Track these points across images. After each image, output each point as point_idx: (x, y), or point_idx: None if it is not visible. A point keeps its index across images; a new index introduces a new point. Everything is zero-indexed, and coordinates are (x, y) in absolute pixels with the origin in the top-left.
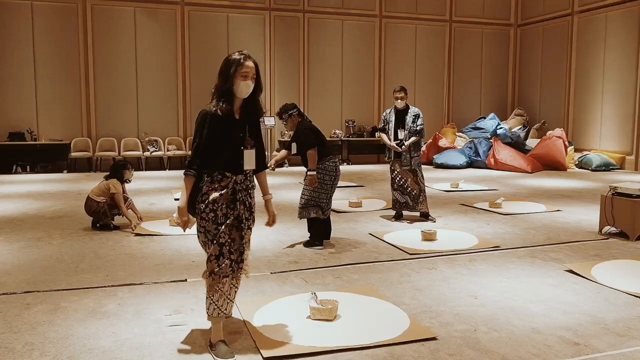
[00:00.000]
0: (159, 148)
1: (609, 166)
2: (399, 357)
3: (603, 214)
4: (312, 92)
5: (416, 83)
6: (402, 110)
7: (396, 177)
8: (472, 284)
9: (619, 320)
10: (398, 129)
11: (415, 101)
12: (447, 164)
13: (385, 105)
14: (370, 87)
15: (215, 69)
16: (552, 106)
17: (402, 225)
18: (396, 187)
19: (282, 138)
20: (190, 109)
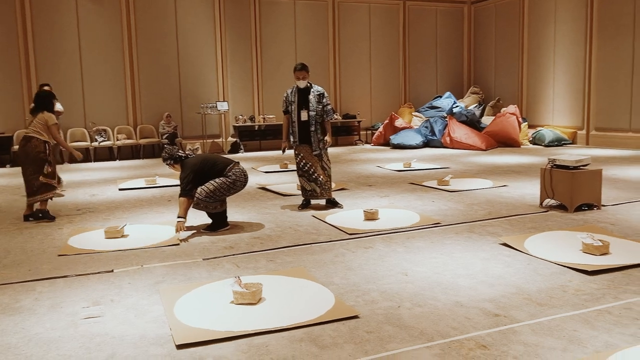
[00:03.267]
0: (108, 138)
1: (561, 141)
2: (317, 337)
3: (543, 187)
4: (265, 74)
5: (372, 63)
6: (305, 90)
7: (300, 163)
8: (405, 261)
9: (543, 290)
10: (301, 110)
11: (372, 82)
12: (404, 144)
13: (342, 87)
14: (325, 68)
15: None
16: (506, 83)
17: (345, 205)
18: (301, 174)
19: (237, 123)
20: (139, 95)
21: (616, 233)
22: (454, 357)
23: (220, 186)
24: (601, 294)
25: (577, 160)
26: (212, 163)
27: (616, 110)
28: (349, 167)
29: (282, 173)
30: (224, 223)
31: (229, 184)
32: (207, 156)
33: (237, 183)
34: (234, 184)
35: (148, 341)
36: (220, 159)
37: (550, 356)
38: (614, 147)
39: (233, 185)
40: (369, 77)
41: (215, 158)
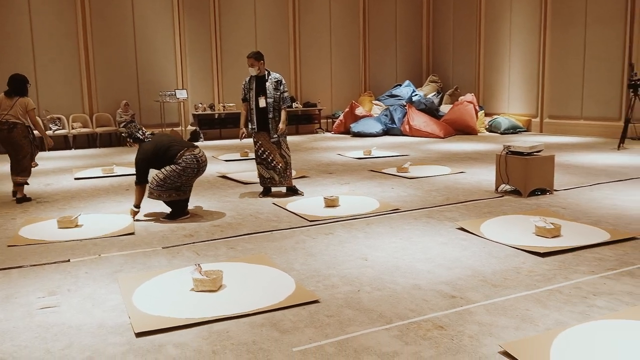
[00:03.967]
0: (63, 126)
1: (516, 129)
2: (278, 322)
3: (498, 173)
4: (225, 63)
5: (332, 52)
6: (262, 77)
7: (259, 150)
8: (365, 246)
9: (497, 272)
10: (259, 97)
11: (332, 70)
12: (364, 132)
13: (302, 75)
14: (285, 57)
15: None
16: (464, 72)
17: (306, 193)
18: (259, 161)
19: (197, 111)
20: (95, 83)
21: (567, 216)
22: (412, 338)
23: (170, 174)
24: (552, 274)
25: (530, 147)
26: (165, 148)
27: (568, 98)
28: (309, 155)
29: (242, 161)
30: (183, 212)
31: (178, 171)
32: (162, 141)
33: (187, 170)
34: (184, 171)
35: (106, 330)
36: (175, 144)
37: (503, 334)
38: (566, 134)
39: (183, 172)
40: (330, 66)
41: (170, 142)
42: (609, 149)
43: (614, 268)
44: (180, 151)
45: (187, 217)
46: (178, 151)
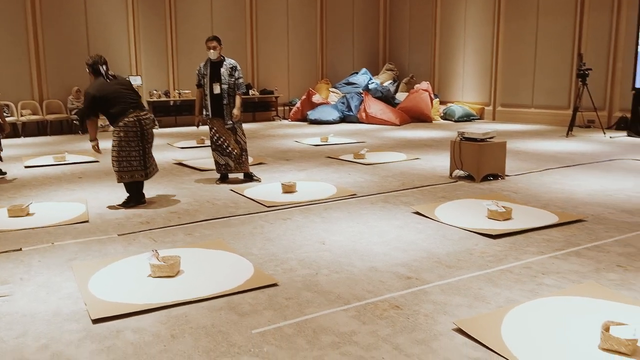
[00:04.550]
0: (11, 113)
1: (470, 117)
2: (236, 305)
3: (452, 159)
4: (180, 49)
5: (289, 39)
6: (217, 63)
7: (214, 137)
8: (323, 231)
9: (451, 253)
10: (213, 83)
11: (290, 58)
12: (321, 120)
13: (259, 62)
14: (242, 43)
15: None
16: (419, 61)
17: (263, 179)
18: (215, 148)
19: (151, 98)
20: (45, 69)
21: (518, 200)
22: (369, 317)
23: (118, 149)
24: (504, 255)
25: (484, 133)
26: (111, 104)
27: (520, 87)
28: (267, 142)
29: (198, 148)
30: (139, 199)
31: (124, 143)
32: (111, 93)
33: (129, 134)
34: (126, 136)
35: (62, 317)
36: (121, 102)
37: (457, 312)
38: (517, 122)
39: (126, 139)
40: (287, 53)
41: (117, 99)
42: (558, 136)
43: (562, 248)
44: (125, 112)
45: (143, 205)
46: (123, 111)
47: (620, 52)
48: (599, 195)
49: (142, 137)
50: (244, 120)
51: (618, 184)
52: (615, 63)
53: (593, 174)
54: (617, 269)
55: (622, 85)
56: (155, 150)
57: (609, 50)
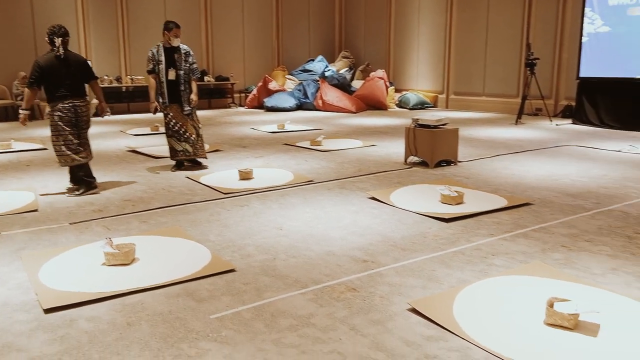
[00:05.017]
0: None
1: (424, 104)
2: (194, 291)
3: (407, 145)
4: (132, 34)
5: (245, 25)
6: (171, 49)
7: (170, 123)
8: (280, 216)
9: (406, 237)
10: (169, 69)
11: (245, 44)
12: (278, 107)
13: (214, 48)
14: (196, 29)
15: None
16: (375, 48)
17: (220, 166)
18: (171, 134)
19: (102, 84)
20: None
21: (470, 185)
22: (326, 300)
23: (56, 133)
24: (456, 238)
25: (437, 120)
26: (49, 82)
27: (472, 76)
28: (223, 130)
29: (153, 136)
30: (89, 184)
31: (60, 127)
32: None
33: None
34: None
35: (12, 308)
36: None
37: (412, 293)
38: (469, 109)
39: (62, 123)
40: (242, 39)
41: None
42: (507, 123)
43: (511, 231)
44: (61, 97)
45: (94, 192)
46: (60, 95)
47: (566, 43)
48: (545, 180)
49: (76, 124)
50: (199, 107)
51: (563, 169)
52: (561, 53)
53: (540, 160)
54: (562, 249)
55: (567, 75)
56: (107, 138)
57: (555, 41)
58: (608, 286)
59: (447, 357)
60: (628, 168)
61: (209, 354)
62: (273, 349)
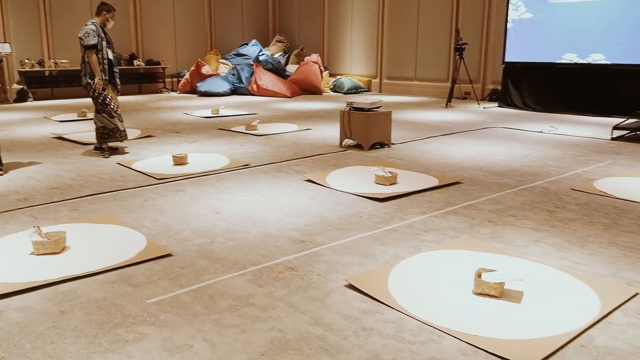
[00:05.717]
0: None
1: (358, 89)
2: (130, 277)
3: (342, 128)
4: (55, 14)
5: (175, 7)
6: (104, 30)
7: (111, 103)
8: (217, 201)
9: (342, 217)
10: (108, 49)
11: (176, 27)
12: (211, 92)
13: (144, 31)
14: (124, 11)
15: None
16: (309, 33)
17: (152, 152)
18: (108, 111)
19: (23, 68)
20: None
21: (403, 166)
22: (265, 280)
23: None
24: (390, 216)
25: (371, 103)
26: None
27: (404, 61)
28: (154, 115)
29: (80, 122)
30: None
31: None
32: None
33: None
34: None
35: None
36: None
37: (348, 270)
38: (402, 94)
39: None
40: (173, 22)
41: None
42: (438, 107)
43: (441, 208)
44: None
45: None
46: None
47: (493, 29)
48: (473, 160)
49: None
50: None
51: (490, 149)
52: (488, 39)
53: (469, 141)
54: (489, 224)
55: (494, 60)
56: (30, 125)
57: (482, 27)
58: (531, 257)
59: (383, 328)
60: (549, 148)
61: (147, 338)
62: (213, 329)
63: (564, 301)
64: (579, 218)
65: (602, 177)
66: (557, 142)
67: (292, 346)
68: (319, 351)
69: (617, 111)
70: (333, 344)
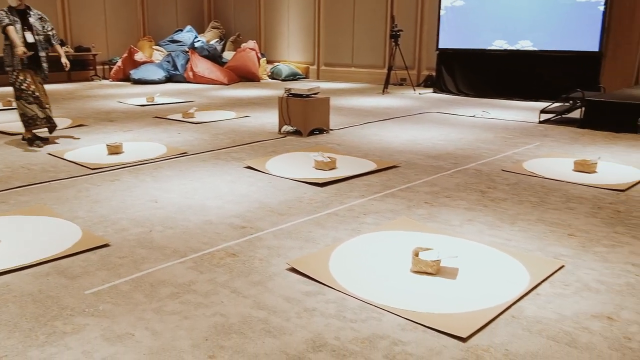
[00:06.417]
0: None
1: (296, 76)
2: (66, 269)
3: (281, 115)
4: None
5: None
6: (23, 12)
7: (29, 89)
8: (154, 189)
9: (282, 202)
10: (25, 32)
11: (107, 12)
12: (145, 79)
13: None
14: None
15: None
16: (245, 19)
17: (85, 142)
18: (32, 101)
19: None
20: None
21: (341, 151)
22: (206, 267)
23: None
24: (330, 201)
25: (309, 89)
26: None
27: (341, 47)
28: (86, 104)
29: (5, 111)
30: None
31: None
32: None
33: None
34: None
35: None
36: None
37: (290, 254)
38: (340, 80)
39: None
40: (103, 7)
41: None
42: (375, 93)
43: (380, 191)
44: None
45: None
46: None
47: (426, 16)
48: (410, 144)
49: None
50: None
51: (426, 134)
52: (422, 26)
53: (405, 126)
54: (425, 205)
55: (428, 47)
56: None
57: (416, 14)
58: (465, 235)
59: (325, 308)
60: (481, 131)
61: (86, 329)
62: (154, 317)
63: (496, 276)
64: (509, 197)
65: (530, 159)
66: (489, 126)
67: (236, 330)
68: (262, 333)
69: (544, 96)
70: (276, 325)
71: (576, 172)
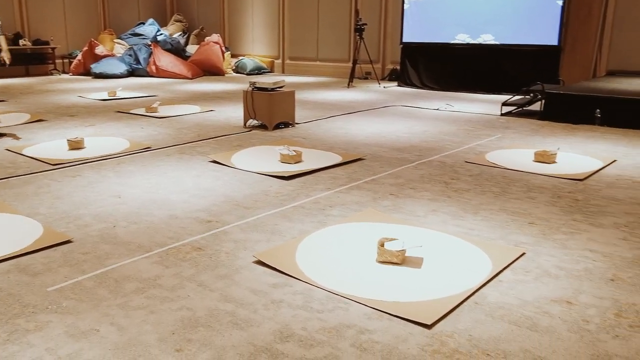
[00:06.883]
0: None
1: (261, 69)
2: (27, 266)
3: (246, 109)
4: None
5: None
6: None
7: None
8: (117, 185)
9: (248, 196)
10: None
11: (66, 4)
12: (107, 73)
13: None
14: None
15: None
16: (209, 12)
17: (45, 137)
18: None
19: None
20: None
21: (307, 144)
22: (172, 261)
23: None
24: (296, 194)
25: (274, 83)
26: None
27: (306, 41)
28: (45, 98)
29: None
30: None
31: None
32: None
33: None
34: None
35: None
36: None
37: (256, 247)
38: (305, 74)
39: None
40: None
41: None
42: (340, 87)
43: (345, 184)
44: None
45: None
46: None
47: (390, 10)
48: (375, 137)
49: None
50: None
51: (390, 127)
52: (386, 19)
53: (370, 120)
54: (390, 197)
55: (392, 40)
56: None
57: (381, 8)
58: (429, 225)
59: (292, 300)
60: (445, 124)
61: (49, 326)
62: (119, 312)
63: (460, 264)
64: (472, 188)
65: (492, 150)
66: (453, 119)
67: (203, 323)
68: (229, 326)
69: (506, 89)
70: (243, 317)
71: (536, 162)
